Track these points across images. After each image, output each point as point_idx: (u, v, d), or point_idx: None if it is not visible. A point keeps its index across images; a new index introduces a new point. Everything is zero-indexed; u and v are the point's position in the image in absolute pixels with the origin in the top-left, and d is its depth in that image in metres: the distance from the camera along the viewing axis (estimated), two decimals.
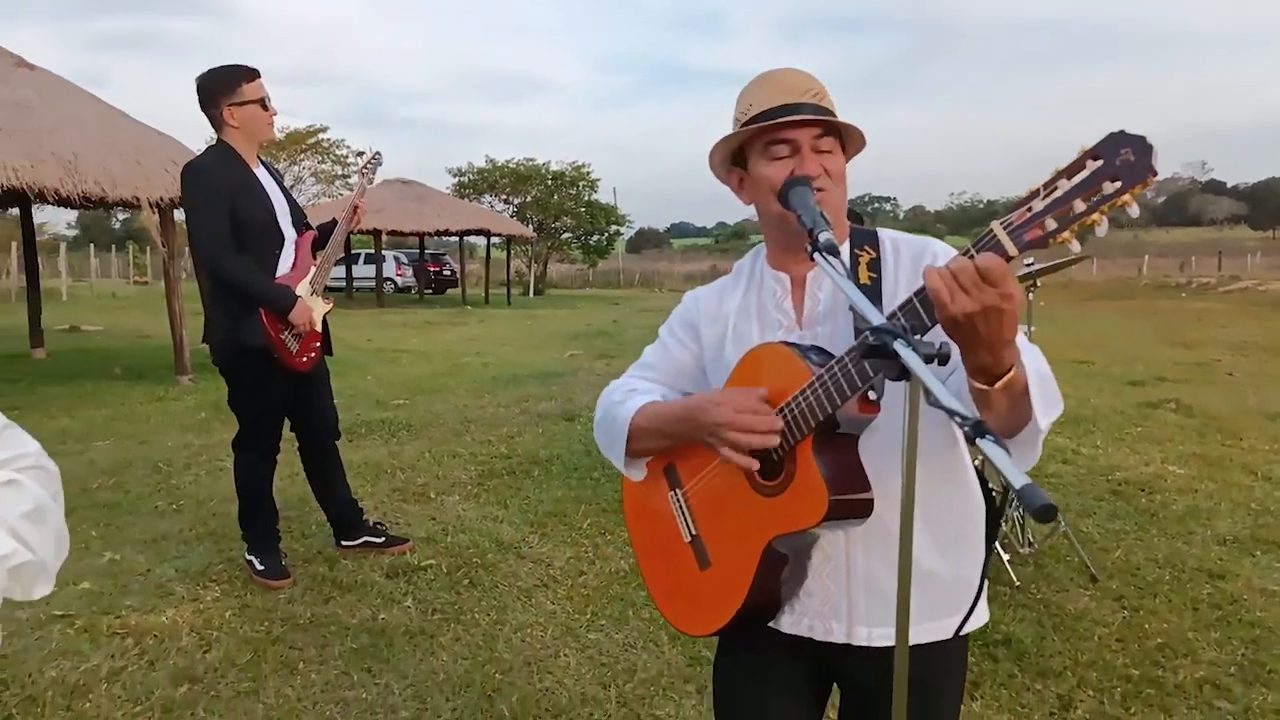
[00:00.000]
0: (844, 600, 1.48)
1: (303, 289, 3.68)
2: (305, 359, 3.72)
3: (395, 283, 29.42)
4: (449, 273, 30.76)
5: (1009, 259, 1.13)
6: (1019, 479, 0.83)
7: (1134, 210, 1.10)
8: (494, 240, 28.37)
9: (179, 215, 9.95)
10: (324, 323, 3.85)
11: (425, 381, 9.48)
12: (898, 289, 1.48)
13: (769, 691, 1.62)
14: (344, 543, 4.09)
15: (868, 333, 1.16)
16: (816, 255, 1.35)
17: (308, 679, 3.03)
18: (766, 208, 1.52)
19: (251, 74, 3.61)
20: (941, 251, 1.50)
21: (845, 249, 1.53)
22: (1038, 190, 1.11)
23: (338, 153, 36.05)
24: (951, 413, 0.96)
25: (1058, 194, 1.09)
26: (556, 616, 3.54)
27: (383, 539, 4.11)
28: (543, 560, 4.08)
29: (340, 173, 35.64)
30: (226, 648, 3.20)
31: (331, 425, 4.01)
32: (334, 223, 3.88)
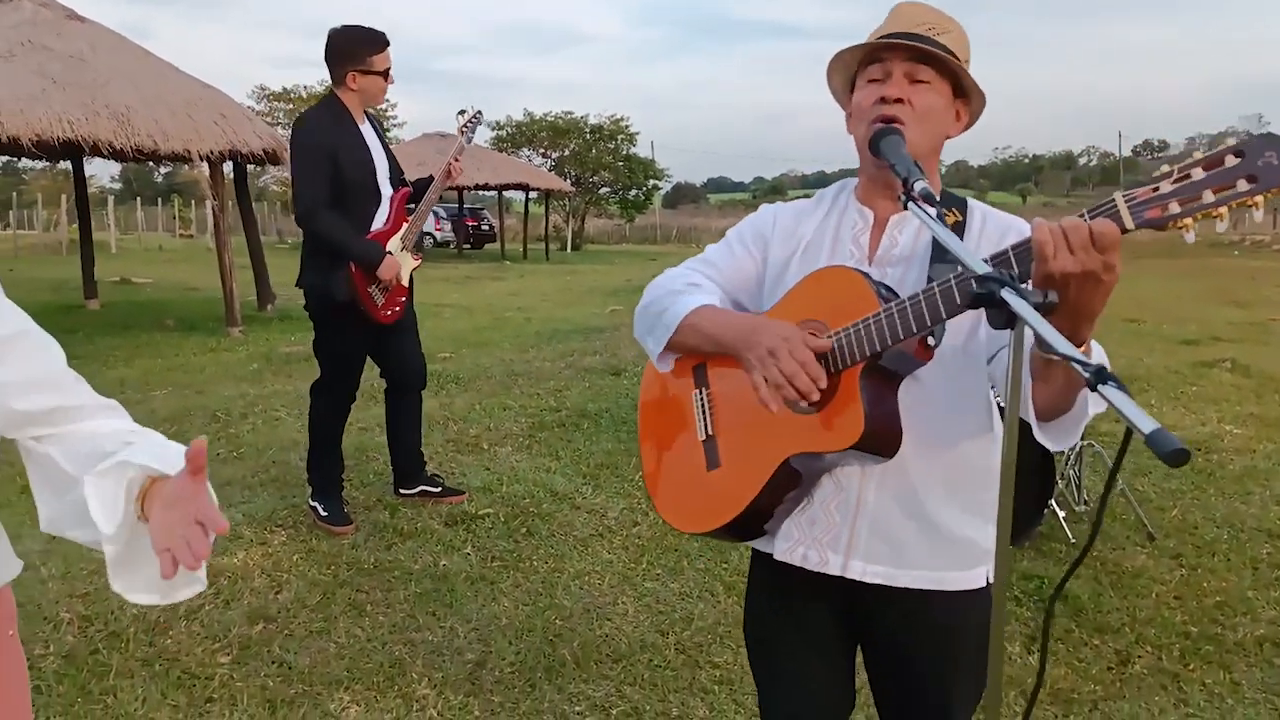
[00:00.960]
0: (846, 532, 1.50)
1: (393, 244, 3.78)
2: (390, 312, 3.81)
3: (434, 237, 29.54)
4: (487, 227, 30.80)
5: (1124, 232, 1.12)
6: (1148, 424, 0.84)
7: (1259, 213, 1.11)
8: (532, 195, 28.32)
9: (228, 168, 10.08)
10: (412, 276, 3.94)
11: (469, 335, 9.56)
12: (977, 253, 1.48)
13: (801, 639, 1.64)
14: (402, 490, 4.19)
15: (972, 279, 1.16)
16: (910, 204, 1.35)
17: (375, 620, 3.13)
18: (859, 138, 1.52)
19: (380, 46, 3.71)
20: (1027, 228, 1.49)
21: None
22: (1169, 171, 1.11)
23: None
24: (1068, 358, 0.96)
25: (1189, 180, 1.09)
26: (613, 565, 3.60)
27: (439, 489, 4.19)
28: (597, 511, 4.14)
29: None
30: (296, 589, 3.30)
31: (416, 373, 4.08)
32: (430, 179, 3.97)
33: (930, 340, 1.33)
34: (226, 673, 2.78)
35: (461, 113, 4.10)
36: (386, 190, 3.80)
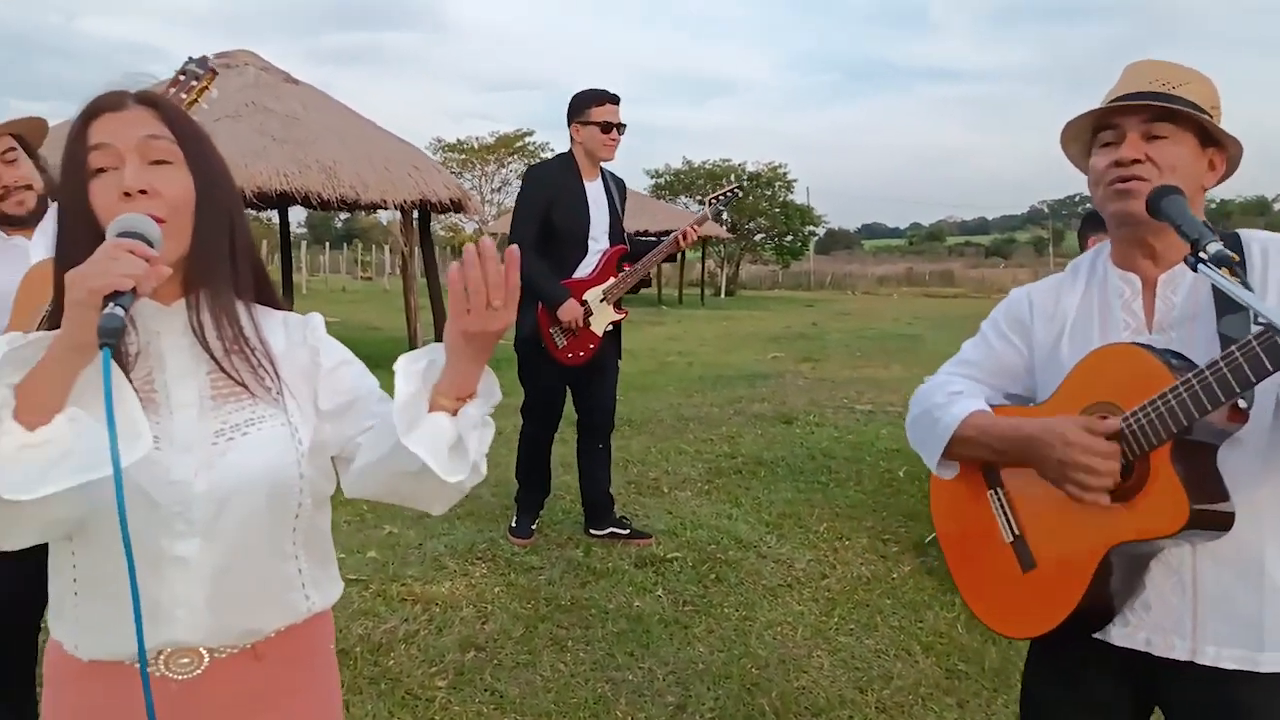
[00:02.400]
0: (1189, 616, 1.41)
1: (592, 295, 4.00)
2: (572, 355, 4.02)
3: None
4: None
5: None
6: None
7: None
8: None
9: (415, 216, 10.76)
10: (618, 329, 4.16)
11: (636, 379, 9.75)
12: (1265, 295, 1.40)
13: (1085, 711, 1.59)
14: (592, 530, 4.32)
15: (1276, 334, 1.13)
16: (1201, 267, 1.32)
17: (577, 656, 3.23)
18: (1099, 203, 1.50)
19: (603, 99, 3.96)
20: None
21: None
22: None
23: (542, 155, 37.70)
24: None
25: None
26: (804, 617, 3.58)
27: (627, 531, 4.30)
28: (783, 560, 4.13)
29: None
30: (501, 621, 3.45)
31: (605, 416, 4.30)
32: (657, 241, 4.17)
33: (1241, 403, 1.27)
34: (445, 696, 2.93)
35: (716, 186, 4.36)
36: (599, 245, 4.03)
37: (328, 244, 44.28)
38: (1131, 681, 1.51)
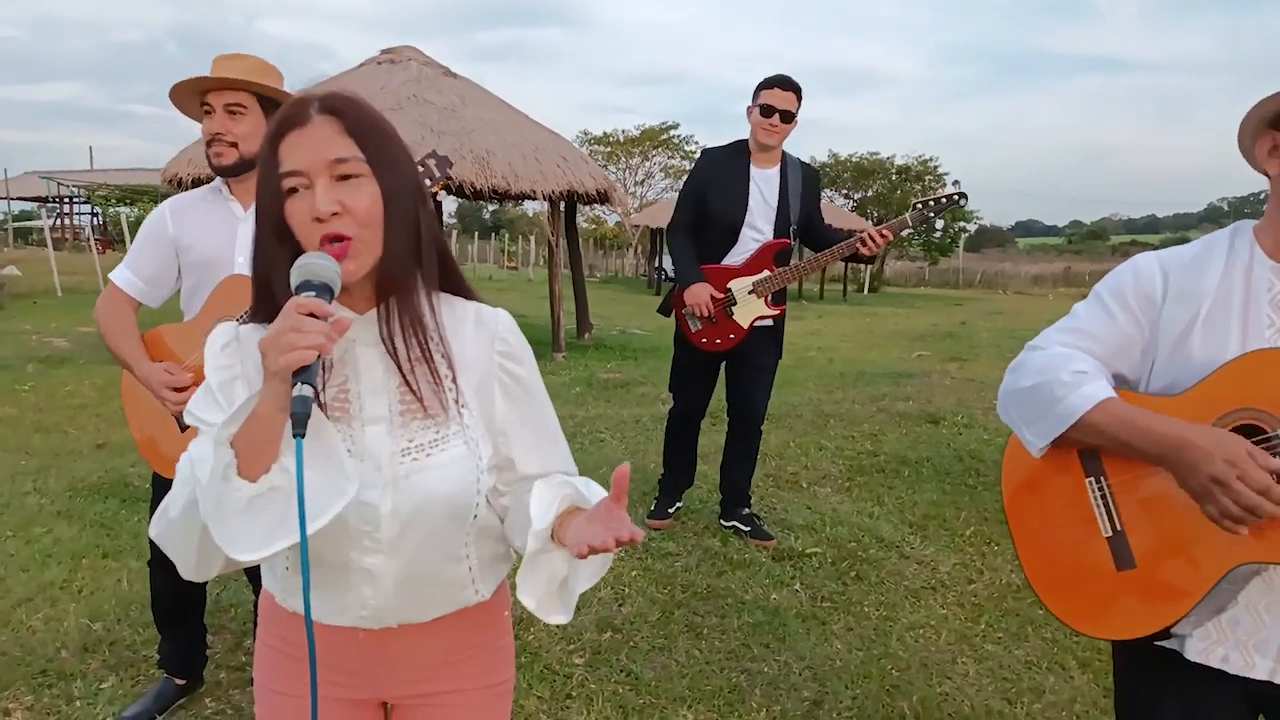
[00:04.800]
0: (1276, 636, 1.34)
1: (739, 284, 3.91)
2: (706, 340, 3.97)
3: None
4: None
5: None
6: None
7: None
8: None
9: (561, 206, 10.98)
10: (779, 323, 4.04)
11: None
12: None
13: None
14: (721, 521, 4.31)
15: None
16: None
17: (712, 644, 3.22)
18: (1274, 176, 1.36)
19: (770, 83, 3.88)
20: None
21: None
22: None
23: (686, 148, 37.79)
24: None
25: None
26: (948, 622, 3.45)
27: (749, 529, 4.24)
28: (927, 563, 4.00)
29: (688, 167, 37.37)
30: (638, 605, 3.49)
31: (752, 410, 4.20)
32: (837, 237, 3.97)
33: None
34: (582, 674, 2.98)
35: (929, 190, 4.11)
36: (758, 234, 3.91)
37: (476, 233, 45.72)
38: (1242, 703, 1.42)
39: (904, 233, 3.78)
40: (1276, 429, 1.29)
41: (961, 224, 35.09)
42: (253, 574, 2.59)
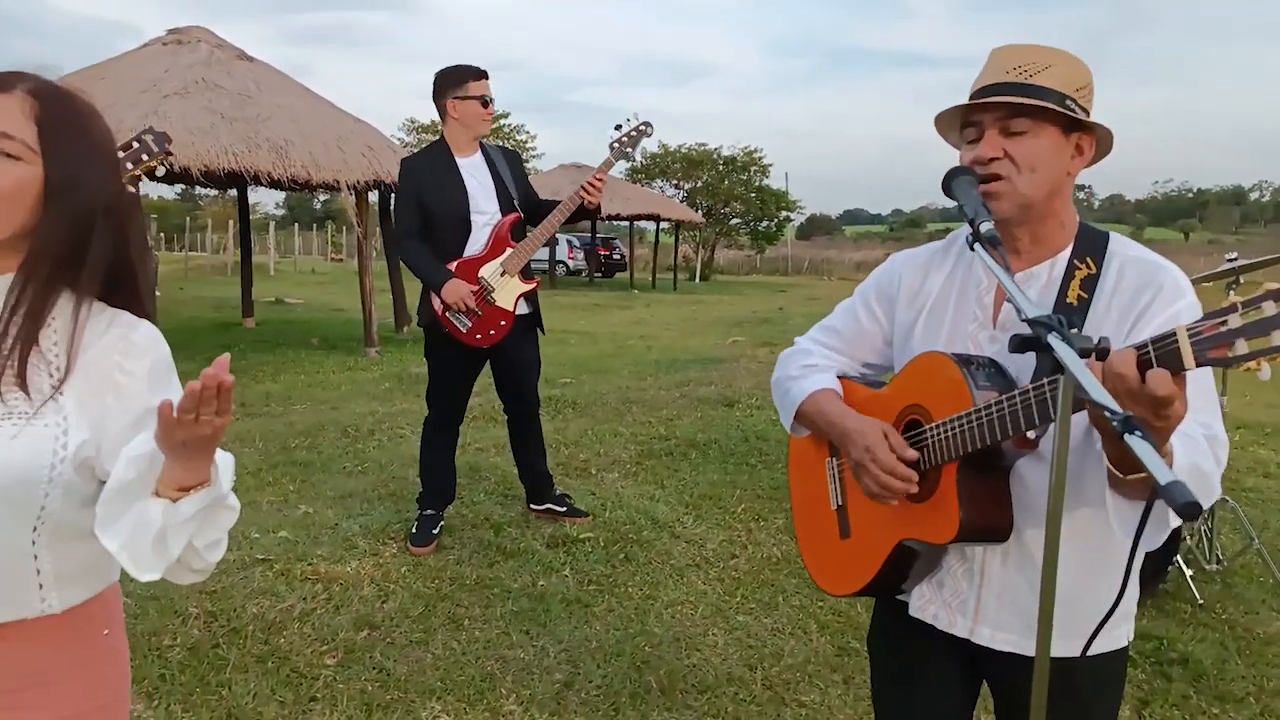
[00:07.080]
0: (973, 600, 1.50)
1: (489, 270, 3.87)
2: (480, 336, 3.90)
3: (567, 265, 30.29)
4: (618, 257, 31.34)
5: (1183, 370, 1.04)
6: (1165, 475, 0.82)
7: None
8: (663, 225, 28.68)
9: (373, 197, 10.68)
10: (534, 301, 4.02)
11: (591, 362, 9.75)
12: (1107, 316, 1.40)
13: (923, 679, 1.64)
14: (533, 506, 4.36)
15: (1025, 322, 1.13)
16: (977, 246, 1.33)
17: (472, 635, 3.24)
18: None
19: (479, 74, 3.90)
20: (1169, 286, 1.37)
21: (1065, 255, 1.45)
22: (1235, 305, 1.00)
23: (517, 138, 37.44)
24: (1100, 406, 0.94)
25: (1260, 318, 0.97)
26: (707, 596, 3.61)
27: (564, 509, 4.31)
28: (696, 541, 4.16)
29: (524, 158, 37.01)
30: (401, 600, 3.46)
31: (526, 407, 4.21)
32: (555, 203, 3.98)
33: (1031, 434, 1.30)
34: (330, 674, 2.94)
35: (618, 128, 3.97)
36: (487, 219, 3.89)
37: (296, 225, 43.80)
38: (958, 657, 1.58)
39: (611, 170, 3.90)
40: (929, 424, 1.43)
41: (786, 213, 36.50)
42: None
